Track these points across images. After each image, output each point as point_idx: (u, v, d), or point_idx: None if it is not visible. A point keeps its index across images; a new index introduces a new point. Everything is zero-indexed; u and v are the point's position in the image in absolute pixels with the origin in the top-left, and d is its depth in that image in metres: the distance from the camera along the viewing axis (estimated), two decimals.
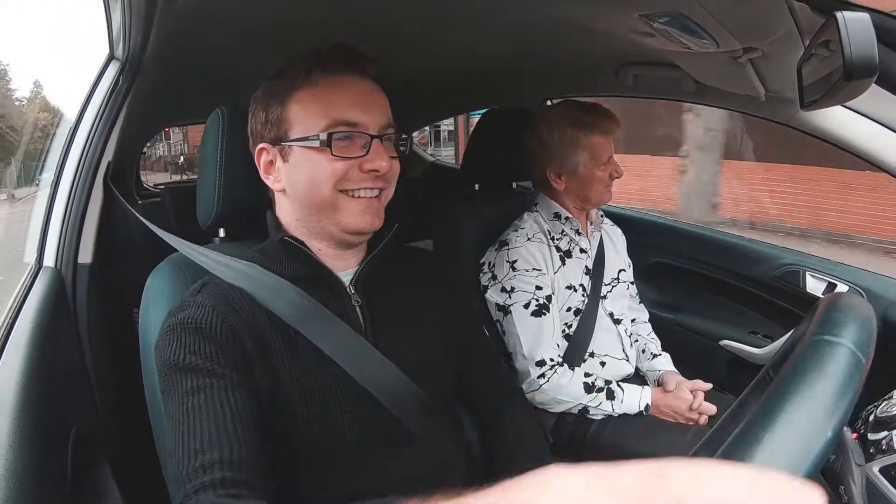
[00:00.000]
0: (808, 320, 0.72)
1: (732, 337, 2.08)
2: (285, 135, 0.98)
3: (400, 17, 1.30)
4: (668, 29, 1.11)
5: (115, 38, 1.40)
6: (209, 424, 0.83)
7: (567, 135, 1.67)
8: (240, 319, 0.92)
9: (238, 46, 1.48)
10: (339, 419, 0.96)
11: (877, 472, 1.02)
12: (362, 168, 0.97)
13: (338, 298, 1.02)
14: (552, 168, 1.71)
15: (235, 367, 0.89)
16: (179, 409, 0.85)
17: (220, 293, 0.95)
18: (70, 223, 1.29)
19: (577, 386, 1.58)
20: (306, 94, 0.97)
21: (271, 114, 0.99)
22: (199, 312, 0.91)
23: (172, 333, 0.90)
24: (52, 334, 1.08)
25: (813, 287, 1.92)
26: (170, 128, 10.51)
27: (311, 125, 0.96)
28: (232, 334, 0.90)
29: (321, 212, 0.99)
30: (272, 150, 1.00)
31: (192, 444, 0.81)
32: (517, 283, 1.61)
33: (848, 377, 0.57)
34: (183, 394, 0.86)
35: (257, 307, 0.95)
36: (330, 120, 0.96)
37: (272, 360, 0.93)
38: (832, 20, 0.77)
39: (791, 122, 1.64)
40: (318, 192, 0.97)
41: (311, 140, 0.96)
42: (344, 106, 0.97)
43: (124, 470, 1.19)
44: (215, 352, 0.88)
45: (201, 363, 0.87)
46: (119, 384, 1.36)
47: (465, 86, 2.25)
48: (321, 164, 0.96)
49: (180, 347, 0.88)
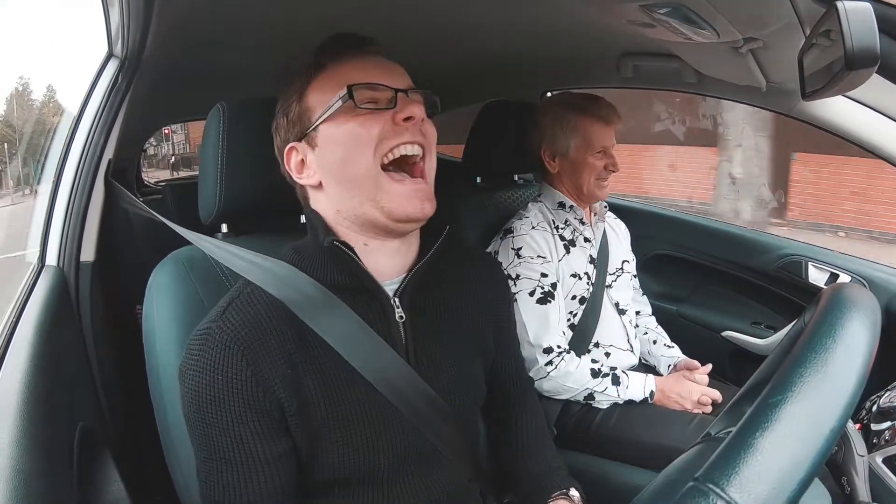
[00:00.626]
0: (810, 311, 0.72)
1: (735, 328, 2.08)
2: (308, 123, 0.92)
3: (399, 12, 1.30)
4: (669, 19, 1.10)
5: (114, 36, 1.40)
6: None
7: (560, 114, 1.71)
8: (270, 357, 0.86)
9: (237, 42, 1.48)
10: (375, 446, 0.92)
11: (880, 462, 1.03)
12: (396, 120, 0.90)
13: (380, 311, 0.95)
14: (545, 147, 1.74)
15: (267, 432, 0.86)
16: (209, 469, 0.87)
17: (248, 316, 0.88)
18: (72, 221, 1.29)
19: (584, 372, 1.58)
20: (321, 79, 0.93)
21: (292, 113, 0.95)
22: (226, 357, 0.85)
23: (199, 371, 0.85)
24: (56, 332, 1.09)
25: (815, 278, 1.92)
26: (170, 131, 10.49)
27: (329, 99, 0.90)
28: (262, 389, 0.85)
29: (362, 192, 0.90)
30: (300, 146, 0.94)
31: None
32: (522, 270, 1.62)
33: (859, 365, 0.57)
34: (213, 456, 0.86)
35: (285, 322, 0.88)
36: (342, 87, 0.90)
37: (305, 398, 0.88)
38: (833, 10, 0.76)
39: (792, 112, 1.63)
40: (357, 164, 0.89)
41: (333, 105, 0.90)
42: (360, 72, 0.91)
43: (129, 465, 1.19)
44: (248, 414, 0.85)
45: (232, 429, 0.84)
46: (123, 380, 1.36)
47: (465, 79, 2.25)
48: (352, 132, 0.89)
49: (209, 399, 0.84)
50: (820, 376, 0.55)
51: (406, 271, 0.98)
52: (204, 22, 1.27)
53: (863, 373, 0.57)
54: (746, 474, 0.48)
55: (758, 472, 0.48)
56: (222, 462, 0.85)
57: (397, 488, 0.96)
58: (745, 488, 0.47)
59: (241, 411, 0.84)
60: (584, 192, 1.72)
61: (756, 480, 0.48)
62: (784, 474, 0.49)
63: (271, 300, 0.89)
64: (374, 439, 0.91)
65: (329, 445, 0.89)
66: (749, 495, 0.47)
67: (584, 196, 1.74)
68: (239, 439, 0.85)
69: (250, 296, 0.91)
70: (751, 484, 0.48)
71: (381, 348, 0.90)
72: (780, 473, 0.49)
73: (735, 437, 0.52)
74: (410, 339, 0.96)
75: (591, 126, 1.69)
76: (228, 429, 0.84)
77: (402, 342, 0.96)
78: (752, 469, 0.49)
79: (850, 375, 0.56)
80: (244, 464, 0.85)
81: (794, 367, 0.56)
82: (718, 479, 0.48)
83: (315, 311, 0.88)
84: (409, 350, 0.96)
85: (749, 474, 0.48)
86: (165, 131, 11.63)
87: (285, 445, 0.88)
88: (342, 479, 0.92)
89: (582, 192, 1.73)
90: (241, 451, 0.85)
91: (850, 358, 0.58)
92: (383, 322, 0.94)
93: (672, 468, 0.81)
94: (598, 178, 1.70)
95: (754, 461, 0.49)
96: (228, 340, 0.85)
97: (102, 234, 1.35)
